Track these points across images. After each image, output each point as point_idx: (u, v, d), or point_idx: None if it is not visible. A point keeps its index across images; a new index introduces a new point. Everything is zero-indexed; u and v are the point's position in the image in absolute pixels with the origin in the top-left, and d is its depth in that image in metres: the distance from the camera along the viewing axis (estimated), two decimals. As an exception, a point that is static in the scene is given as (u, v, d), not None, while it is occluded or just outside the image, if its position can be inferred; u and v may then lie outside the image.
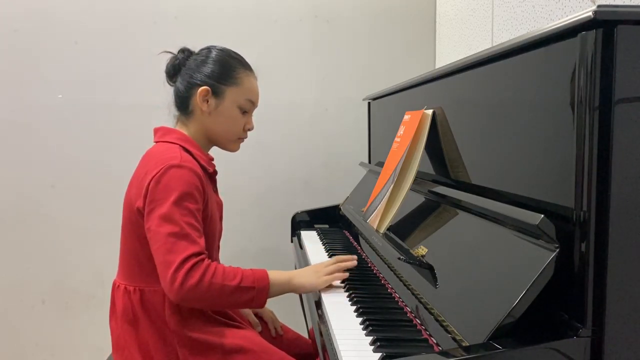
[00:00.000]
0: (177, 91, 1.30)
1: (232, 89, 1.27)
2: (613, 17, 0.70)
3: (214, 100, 1.26)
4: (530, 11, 1.53)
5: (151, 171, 1.15)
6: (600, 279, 0.73)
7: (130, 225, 1.19)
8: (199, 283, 1.06)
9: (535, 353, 0.72)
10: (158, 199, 1.12)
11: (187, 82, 1.27)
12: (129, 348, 1.19)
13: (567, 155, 0.75)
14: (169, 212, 1.10)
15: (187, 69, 1.28)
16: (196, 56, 1.31)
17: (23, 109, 2.22)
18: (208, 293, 1.07)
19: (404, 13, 2.35)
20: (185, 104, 1.28)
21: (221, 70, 1.27)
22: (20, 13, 2.19)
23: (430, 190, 1.24)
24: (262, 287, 1.13)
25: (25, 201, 2.25)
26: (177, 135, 1.26)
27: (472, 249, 0.95)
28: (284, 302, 2.27)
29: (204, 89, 1.25)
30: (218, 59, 1.28)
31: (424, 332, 0.96)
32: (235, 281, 1.10)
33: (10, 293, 2.28)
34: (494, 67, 1.00)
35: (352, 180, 2.17)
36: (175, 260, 1.06)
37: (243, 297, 1.11)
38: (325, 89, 2.35)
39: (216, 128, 1.29)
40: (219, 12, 2.27)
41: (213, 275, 1.08)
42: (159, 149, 1.23)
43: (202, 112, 1.26)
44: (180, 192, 1.12)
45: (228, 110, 1.28)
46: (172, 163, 1.14)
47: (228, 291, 1.09)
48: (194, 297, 1.07)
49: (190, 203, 1.12)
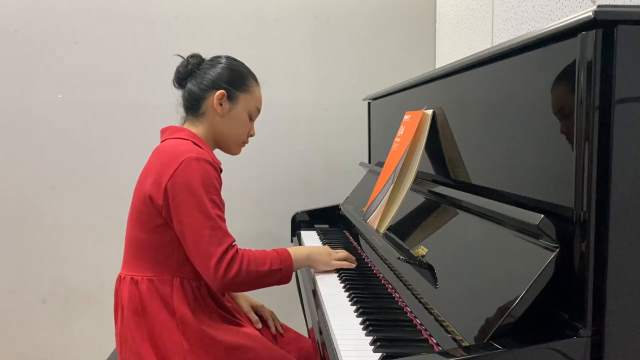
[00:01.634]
0: (190, 92, 1.34)
1: (245, 95, 1.36)
2: (613, 17, 0.70)
3: (228, 104, 1.33)
4: (530, 11, 1.53)
5: (170, 163, 1.19)
6: (600, 279, 0.73)
7: (139, 215, 1.22)
8: (239, 272, 1.17)
9: (535, 353, 0.72)
10: (185, 192, 1.17)
11: (203, 84, 1.33)
12: (135, 339, 1.20)
13: (567, 155, 0.75)
14: (200, 205, 1.17)
15: (202, 73, 1.34)
16: (209, 62, 1.36)
17: (23, 109, 2.22)
18: (247, 279, 1.19)
19: (404, 13, 2.35)
20: (197, 105, 1.33)
21: (236, 77, 1.35)
22: (21, 13, 2.19)
23: (430, 190, 1.24)
24: (288, 266, 1.26)
25: (25, 201, 2.25)
26: (187, 133, 1.31)
27: (472, 249, 0.95)
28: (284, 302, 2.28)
29: (221, 92, 1.31)
30: (233, 67, 1.36)
31: (424, 332, 0.96)
32: (266, 266, 1.22)
33: (10, 293, 2.28)
34: (494, 67, 1.00)
35: (352, 180, 2.17)
36: (215, 253, 1.16)
37: (274, 277, 1.24)
38: (325, 89, 2.35)
39: (226, 130, 1.35)
40: (219, 12, 2.27)
41: (249, 264, 1.19)
42: (172, 144, 1.27)
43: (216, 114, 1.33)
44: (205, 185, 1.18)
45: (239, 115, 1.36)
46: (190, 156, 1.19)
47: (262, 275, 1.22)
48: (236, 284, 1.19)
49: (214, 195, 1.20)
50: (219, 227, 1.18)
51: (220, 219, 1.20)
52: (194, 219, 1.16)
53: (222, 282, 1.16)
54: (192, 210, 1.17)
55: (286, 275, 1.26)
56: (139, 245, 1.24)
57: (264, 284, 1.23)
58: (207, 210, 1.17)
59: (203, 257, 1.16)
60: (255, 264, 1.20)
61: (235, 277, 1.16)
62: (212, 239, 1.16)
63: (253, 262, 1.20)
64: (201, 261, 1.17)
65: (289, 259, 1.27)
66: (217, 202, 1.21)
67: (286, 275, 1.26)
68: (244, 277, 1.18)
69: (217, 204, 1.20)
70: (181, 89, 1.37)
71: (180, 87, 1.37)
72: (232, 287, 1.23)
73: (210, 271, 1.16)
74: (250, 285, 1.22)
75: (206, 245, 1.16)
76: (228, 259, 1.16)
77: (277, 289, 2.35)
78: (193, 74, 1.35)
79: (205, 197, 1.17)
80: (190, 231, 1.17)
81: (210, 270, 1.16)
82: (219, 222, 1.18)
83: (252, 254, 1.21)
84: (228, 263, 1.16)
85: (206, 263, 1.16)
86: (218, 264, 1.15)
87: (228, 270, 1.16)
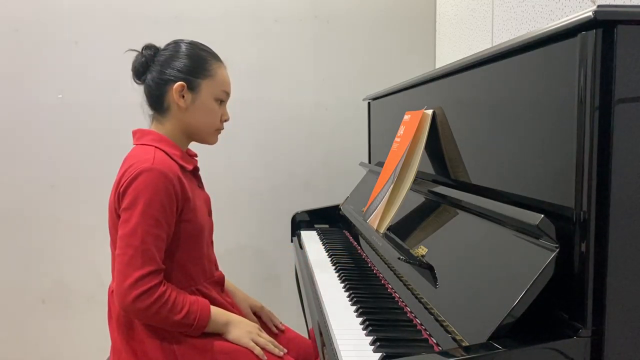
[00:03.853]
0: (149, 89, 1.27)
1: (206, 81, 1.26)
2: (613, 17, 0.70)
3: (190, 94, 1.25)
4: (530, 11, 1.53)
5: (124, 175, 1.16)
6: (600, 279, 0.73)
7: (114, 230, 1.19)
8: (148, 309, 1.10)
9: (535, 353, 0.72)
10: (126, 207, 1.13)
11: (159, 79, 1.25)
12: (125, 351, 1.19)
13: (567, 155, 0.75)
14: (134, 222, 1.11)
15: (157, 65, 1.26)
16: (163, 52, 1.28)
17: (23, 109, 2.22)
18: (151, 318, 1.12)
19: (404, 13, 2.35)
20: (159, 101, 1.26)
21: (194, 64, 1.25)
22: (21, 13, 2.19)
23: (430, 190, 1.24)
24: (200, 325, 1.16)
25: (25, 201, 2.25)
26: (151, 137, 1.25)
27: (472, 248, 0.95)
28: (284, 301, 2.28)
29: (179, 85, 1.23)
30: (188, 52, 1.26)
31: (424, 332, 0.96)
32: (179, 316, 1.13)
33: (10, 293, 2.28)
34: (494, 67, 0.99)
35: (352, 180, 2.17)
36: (132, 275, 1.09)
37: (180, 328, 1.15)
38: (325, 89, 2.35)
39: (195, 122, 1.27)
40: (219, 12, 2.27)
41: (162, 306, 1.11)
42: (133, 153, 1.23)
43: (179, 107, 1.25)
44: (146, 200, 1.12)
45: (205, 104, 1.27)
46: (142, 167, 1.14)
47: (169, 322, 1.13)
48: (137, 316, 1.13)
49: (157, 211, 1.12)
50: (146, 249, 1.11)
51: (156, 240, 1.12)
52: (125, 234, 1.12)
53: (130, 307, 1.10)
54: (127, 224, 1.12)
55: (194, 332, 1.16)
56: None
57: (167, 328, 1.15)
58: (138, 228, 1.11)
59: (119, 274, 1.11)
60: (169, 310, 1.11)
61: (141, 311, 1.10)
62: (133, 260, 1.10)
63: (168, 306, 1.11)
64: (117, 278, 1.11)
65: (205, 319, 1.16)
66: (160, 220, 1.13)
67: (194, 332, 1.16)
68: (150, 315, 1.11)
69: (157, 220, 1.12)
70: (142, 84, 1.29)
71: (140, 83, 1.29)
72: (133, 316, 1.15)
73: (121, 291, 1.10)
74: (154, 322, 1.14)
75: (125, 265, 1.10)
76: (145, 287, 1.09)
77: (277, 289, 2.36)
78: (149, 68, 1.27)
79: (142, 213, 1.11)
80: (119, 244, 1.12)
81: (121, 290, 1.10)
82: (149, 244, 1.11)
83: (172, 297, 1.12)
84: (143, 292, 1.09)
85: (120, 282, 1.10)
86: (131, 288, 1.09)
87: (140, 300, 1.09)
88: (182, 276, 1.21)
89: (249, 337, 1.20)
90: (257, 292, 2.33)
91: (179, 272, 1.21)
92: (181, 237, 1.20)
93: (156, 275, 1.12)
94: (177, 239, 1.20)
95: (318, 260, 1.55)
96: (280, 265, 2.32)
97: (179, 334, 1.17)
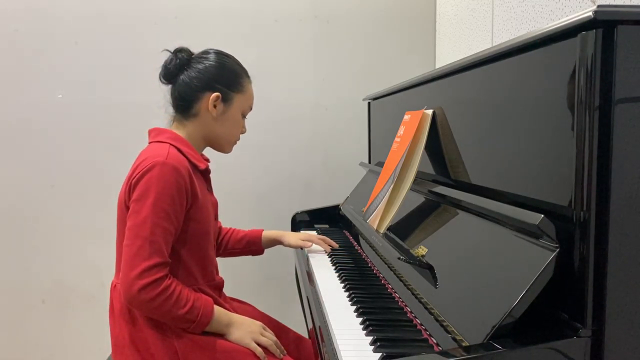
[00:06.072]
0: (181, 93, 1.29)
1: (239, 95, 1.31)
2: (613, 17, 0.70)
3: (222, 105, 1.29)
4: (530, 11, 1.53)
5: (137, 168, 1.17)
6: (600, 279, 0.73)
7: (123, 225, 1.20)
8: (152, 300, 1.10)
9: (535, 353, 0.72)
10: (137, 199, 1.14)
11: (195, 85, 1.27)
12: (128, 347, 1.19)
13: (567, 155, 0.75)
14: (144, 213, 1.12)
15: (193, 71, 1.28)
16: (199, 59, 1.30)
17: (23, 109, 2.22)
18: (155, 310, 1.12)
19: (404, 13, 2.35)
20: (188, 106, 1.28)
21: (230, 77, 1.30)
22: (21, 13, 2.19)
23: (430, 190, 1.24)
24: (202, 322, 1.16)
25: (25, 201, 2.25)
26: (168, 135, 1.27)
27: (472, 248, 0.95)
28: (284, 302, 2.28)
29: (215, 95, 1.27)
30: (227, 65, 1.30)
31: (424, 332, 0.96)
32: (182, 310, 1.13)
33: (10, 293, 2.28)
34: (494, 67, 1.00)
35: (352, 180, 2.17)
36: (139, 265, 1.10)
37: (182, 324, 1.15)
38: (325, 89, 2.35)
39: (219, 132, 1.31)
40: (219, 12, 2.27)
41: (167, 299, 1.11)
42: (149, 148, 1.25)
43: (209, 116, 1.28)
44: (158, 193, 1.13)
45: (234, 116, 1.31)
46: (156, 161, 1.15)
47: (172, 315, 1.13)
48: (141, 307, 1.13)
49: (167, 204, 1.14)
50: (155, 241, 1.11)
51: (164, 233, 1.13)
52: (134, 225, 1.13)
53: (135, 298, 1.10)
54: (137, 216, 1.13)
55: (196, 328, 1.16)
56: None
57: (170, 322, 1.16)
58: (147, 220, 1.12)
59: (126, 264, 1.11)
60: (173, 303, 1.11)
61: (149, 302, 1.10)
62: (141, 250, 1.10)
63: (173, 299, 1.11)
64: (124, 268, 1.12)
65: (208, 316, 1.16)
66: (170, 213, 1.14)
67: (196, 329, 1.16)
68: (154, 307, 1.11)
69: (167, 213, 1.13)
70: (169, 85, 1.31)
71: (168, 84, 1.31)
72: (137, 308, 1.15)
73: (127, 281, 1.10)
74: (156, 316, 1.14)
75: (132, 255, 1.11)
76: (151, 279, 1.10)
77: (277, 289, 2.36)
78: (182, 71, 1.29)
79: (153, 205, 1.12)
80: (128, 234, 1.13)
81: (127, 280, 1.10)
82: (157, 236, 1.12)
83: (177, 290, 1.13)
84: (149, 283, 1.09)
85: (127, 272, 1.11)
86: (137, 278, 1.09)
87: (146, 291, 1.09)
88: (184, 274, 1.22)
89: (250, 337, 1.20)
90: (257, 292, 2.34)
91: (181, 270, 1.22)
92: (187, 236, 1.21)
93: (163, 267, 1.13)
94: (184, 237, 1.21)
95: (318, 260, 1.55)
96: (280, 265, 2.32)
97: (181, 330, 1.17)
